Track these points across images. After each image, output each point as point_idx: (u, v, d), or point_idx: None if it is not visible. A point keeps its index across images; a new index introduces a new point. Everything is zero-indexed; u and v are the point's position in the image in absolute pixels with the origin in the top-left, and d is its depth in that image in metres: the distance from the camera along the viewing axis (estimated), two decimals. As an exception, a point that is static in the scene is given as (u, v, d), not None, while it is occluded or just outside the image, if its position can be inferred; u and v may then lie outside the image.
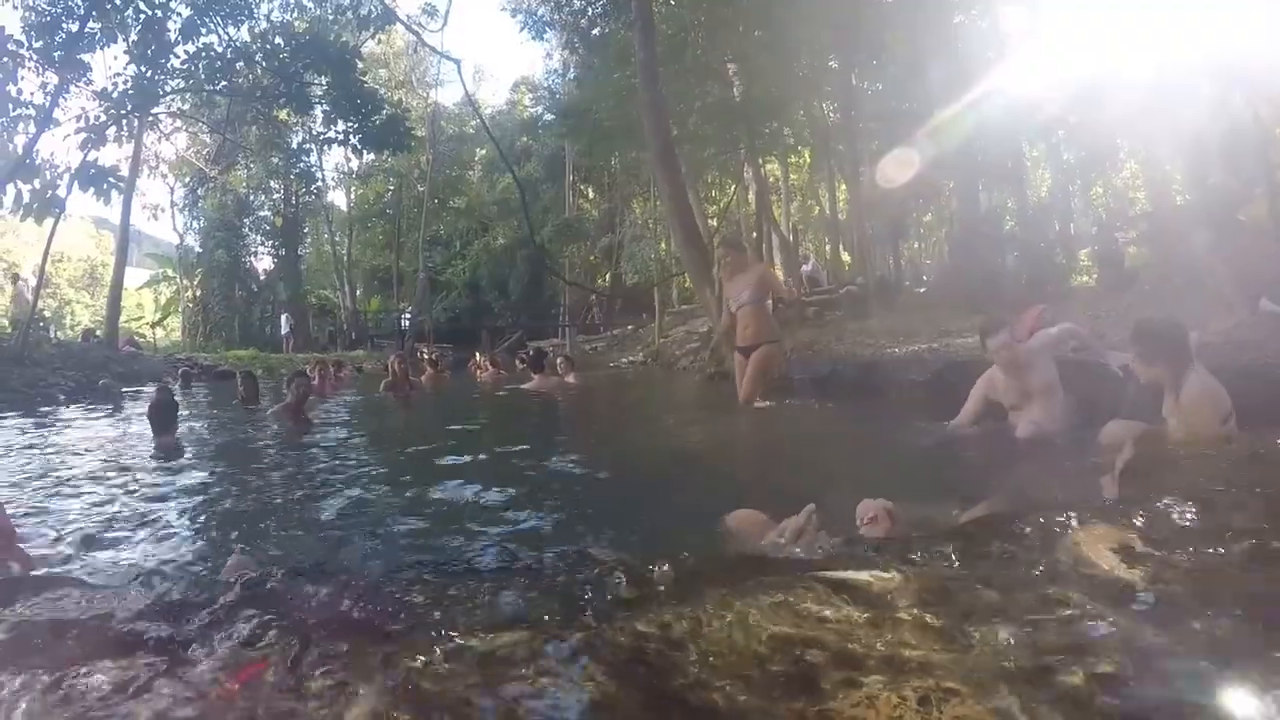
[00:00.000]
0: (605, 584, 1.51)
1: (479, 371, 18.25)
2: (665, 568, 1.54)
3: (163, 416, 7.64)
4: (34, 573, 2.71)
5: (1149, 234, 17.09)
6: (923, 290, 20.46)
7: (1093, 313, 10.23)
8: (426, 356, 18.67)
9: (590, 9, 24.58)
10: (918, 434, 6.31)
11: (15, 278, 25.37)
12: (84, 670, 1.24)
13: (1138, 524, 1.63)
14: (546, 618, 1.35)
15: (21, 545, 3.33)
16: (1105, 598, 1.29)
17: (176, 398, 9.61)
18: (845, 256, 26.40)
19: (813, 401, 9.02)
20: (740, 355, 8.21)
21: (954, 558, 1.49)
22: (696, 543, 3.54)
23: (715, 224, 26.21)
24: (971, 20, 18.07)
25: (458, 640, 1.26)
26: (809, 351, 11.95)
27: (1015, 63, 14.94)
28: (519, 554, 3.47)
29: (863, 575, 1.37)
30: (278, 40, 21.31)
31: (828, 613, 1.25)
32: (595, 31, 24.37)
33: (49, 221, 17.51)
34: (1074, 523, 1.63)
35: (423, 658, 1.20)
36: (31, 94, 17.03)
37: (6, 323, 25.95)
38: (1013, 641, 1.16)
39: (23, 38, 16.74)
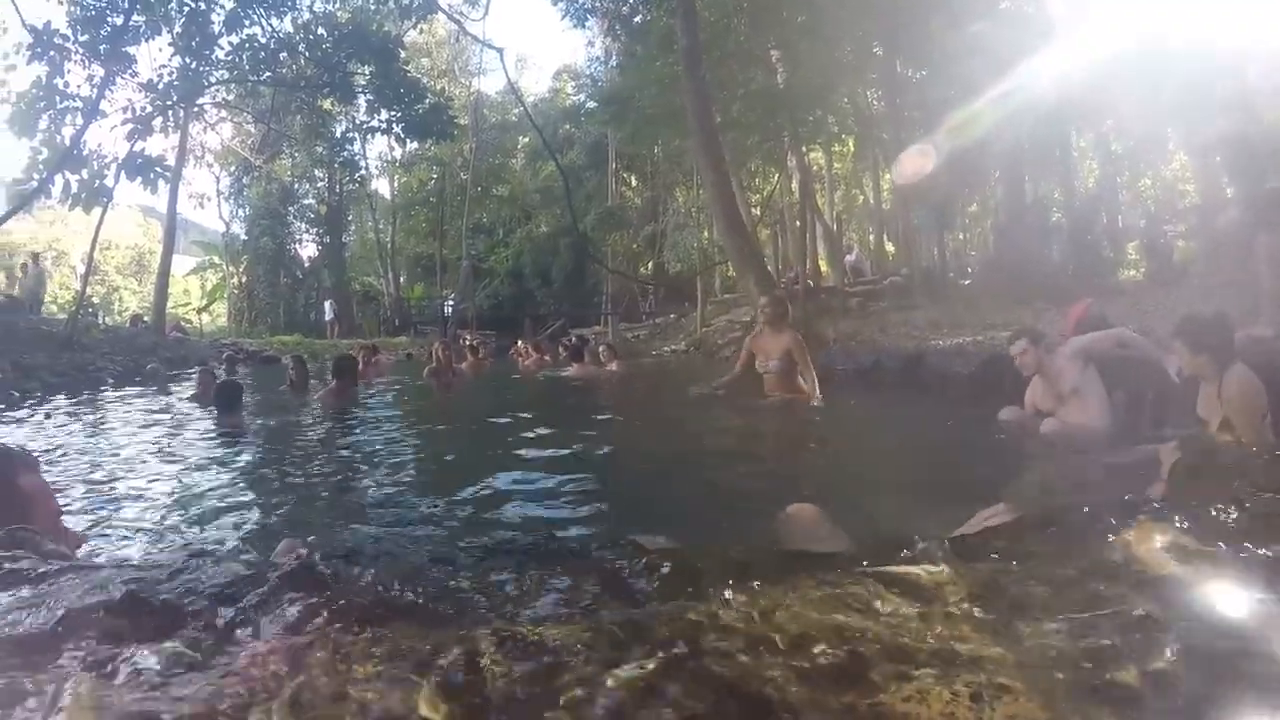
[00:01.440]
0: (654, 573, 1.52)
1: (521, 359, 18.30)
2: (714, 559, 1.54)
3: (229, 398, 7.83)
4: (82, 553, 2.76)
5: (1198, 228, 16.84)
6: (967, 282, 20.24)
7: (1140, 307, 10.09)
8: (469, 343, 18.76)
9: (632, -4, 24.53)
10: (963, 427, 6.27)
11: (35, 257, 25.69)
12: (133, 650, 1.26)
13: (1188, 524, 1.61)
14: (595, 606, 1.36)
15: (70, 526, 3.38)
16: (1157, 597, 1.28)
17: (240, 380, 9.81)
18: (889, 247, 26.23)
19: (852, 400, 8.98)
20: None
21: (1004, 553, 1.48)
22: (742, 533, 3.54)
23: (758, 212, 26.06)
24: (1017, 5, 17.82)
25: (506, 628, 1.27)
26: (853, 343, 11.88)
27: (1062, 48, 14.74)
28: (564, 541, 3.47)
29: (913, 569, 1.36)
30: (320, 31, 21.62)
31: (878, 605, 1.25)
32: (637, 19, 24.33)
33: (97, 210, 17.82)
34: (1125, 521, 1.62)
35: (471, 646, 1.20)
36: (78, 87, 17.44)
37: (56, 307, 26.43)
38: (1064, 638, 1.15)
39: (69, 31, 17.12)
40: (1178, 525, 1.59)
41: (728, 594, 1.34)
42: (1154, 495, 2.61)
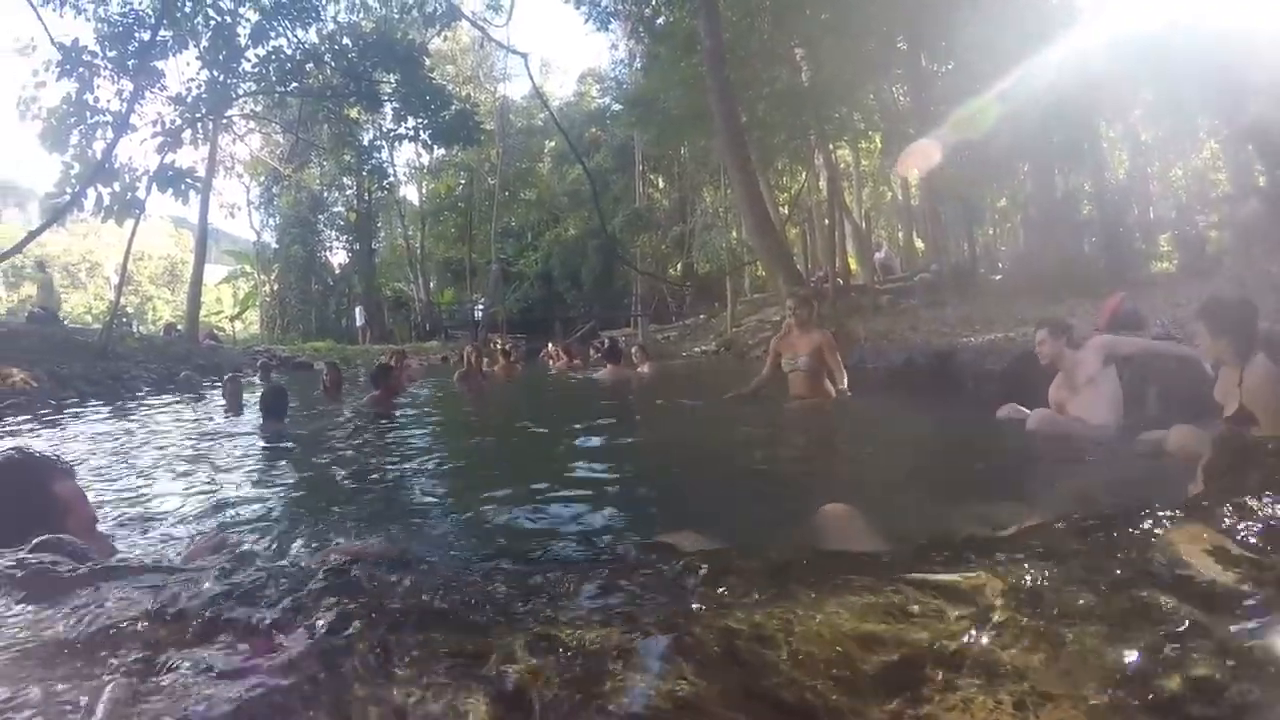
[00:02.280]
0: (690, 577, 1.51)
1: (552, 361, 18.37)
2: (751, 562, 1.53)
3: (275, 404, 7.90)
4: (117, 559, 2.80)
5: (1230, 218, 16.63)
6: (998, 277, 20.08)
7: (1174, 299, 9.99)
8: (499, 347, 18.83)
9: (654, -2, 24.51)
10: (998, 425, 6.22)
11: (40, 265, 25.71)
12: (168, 655, 1.28)
13: (1227, 524, 1.59)
14: (632, 612, 1.36)
15: (105, 533, 3.42)
16: (1201, 601, 1.26)
17: (226, 386, 9.92)
18: (919, 243, 26.07)
19: (885, 398, 8.94)
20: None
21: (1044, 556, 1.46)
22: (778, 534, 3.53)
23: (786, 211, 25.99)
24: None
25: (544, 633, 1.27)
26: (884, 341, 11.80)
27: (1089, 36, 14.60)
28: (599, 545, 3.49)
29: (953, 576, 1.35)
30: (345, 41, 21.92)
31: (918, 610, 1.24)
32: (660, 20, 24.29)
33: (130, 222, 18.07)
34: (1164, 523, 1.60)
35: (509, 651, 1.21)
36: (108, 101, 17.83)
37: (90, 318, 26.70)
38: (1108, 645, 1.14)
39: (97, 48, 17.52)
40: (1221, 525, 1.57)
41: (766, 599, 1.33)
42: (1194, 493, 2.59)
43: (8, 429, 9.42)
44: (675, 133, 23.28)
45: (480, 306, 38.92)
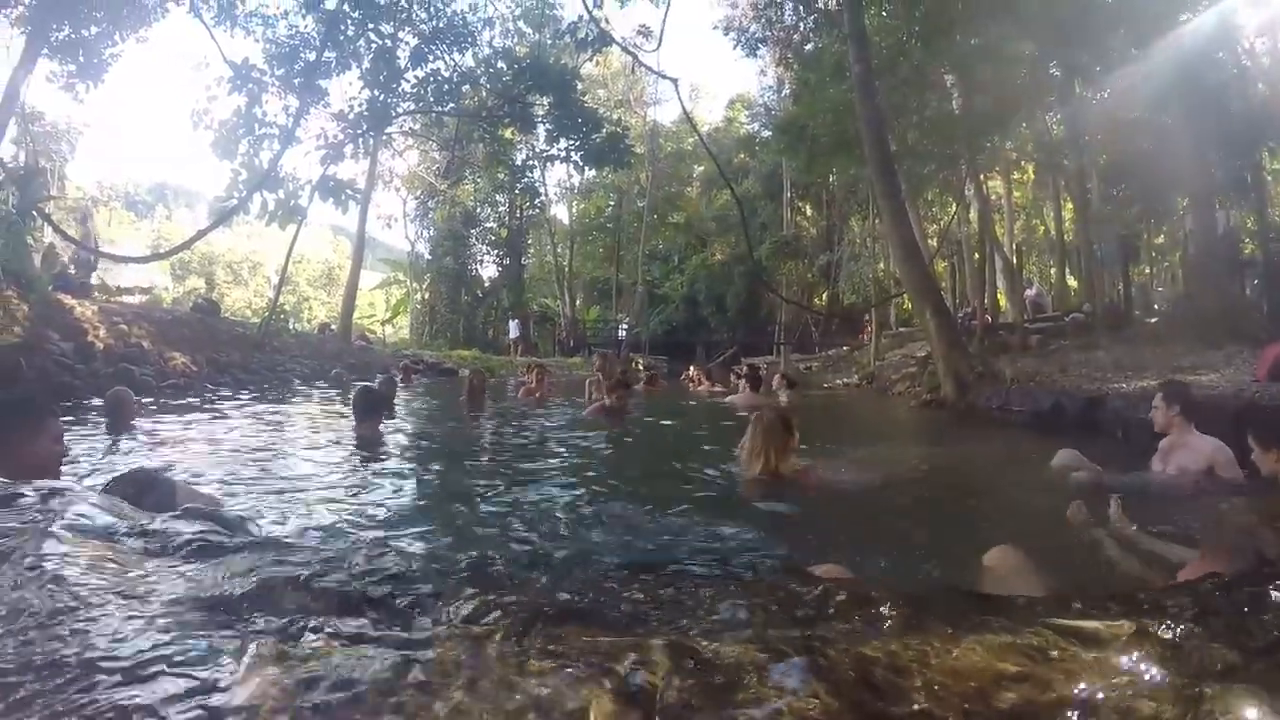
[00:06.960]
0: (827, 602, 1.51)
1: (693, 385, 18.42)
2: (888, 595, 1.52)
3: (367, 405, 7.84)
4: (264, 534, 3.09)
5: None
6: (1154, 320, 19.22)
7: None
8: (640, 366, 19.01)
9: (802, 24, 24.45)
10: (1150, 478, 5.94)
11: (85, 216, 25.63)
12: (312, 622, 1.38)
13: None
14: (767, 630, 1.38)
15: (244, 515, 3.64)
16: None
17: (378, 387, 10.20)
18: (1071, 281, 25.23)
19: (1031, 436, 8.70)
20: None
21: (1189, 612, 1.42)
22: (915, 571, 3.48)
23: (935, 244, 25.48)
24: (1203, 19, 16.85)
25: (680, 641, 1.30)
26: (1031, 383, 11.43)
27: (1252, 63, 13.93)
28: (735, 563, 3.49)
29: (1093, 624, 1.32)
30: (500, 65, 23.00)
31: (1055, 655, 1.22)
32: (808, 46, 24.21)
33: (292, 226, 19.20)
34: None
35: (644, 655, 1.23)
36: (275, 115, 19.48)
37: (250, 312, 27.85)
38: (1251, 704, 1.10)
39: (265, 67, 19.14)
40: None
41: (902, 631, 1.33)
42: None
43: (166, 408, 10.00)
44: (824, 160, 23.02)
45: (624, 326, 39.33)
